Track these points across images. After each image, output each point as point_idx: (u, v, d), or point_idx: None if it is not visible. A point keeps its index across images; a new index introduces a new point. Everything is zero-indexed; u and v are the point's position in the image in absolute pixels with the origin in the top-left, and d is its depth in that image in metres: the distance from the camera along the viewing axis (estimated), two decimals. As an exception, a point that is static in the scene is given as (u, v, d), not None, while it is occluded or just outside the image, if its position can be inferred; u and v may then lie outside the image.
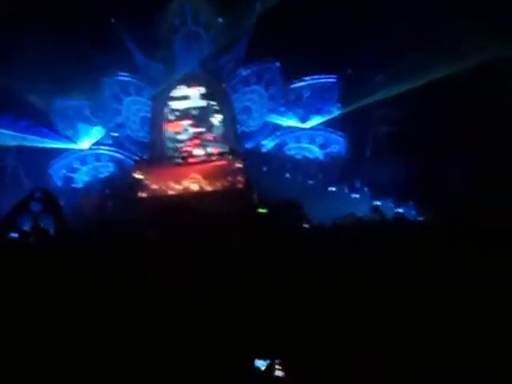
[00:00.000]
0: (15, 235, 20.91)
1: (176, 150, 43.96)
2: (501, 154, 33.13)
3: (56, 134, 43.47)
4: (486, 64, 32.89)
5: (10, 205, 26.27)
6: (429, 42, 34.76)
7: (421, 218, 31.95)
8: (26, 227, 22.76)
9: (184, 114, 44.50)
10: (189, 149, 43.63)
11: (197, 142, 43.90)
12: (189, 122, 44.25)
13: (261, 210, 27.92)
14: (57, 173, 43.23)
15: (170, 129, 44.42)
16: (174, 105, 44.49)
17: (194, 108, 44.36)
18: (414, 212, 34.01)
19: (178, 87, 44.17)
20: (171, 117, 44.35)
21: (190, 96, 44.27)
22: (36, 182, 36.57)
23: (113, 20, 43.27)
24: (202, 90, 43.94)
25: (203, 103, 44.21)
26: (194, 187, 39.47)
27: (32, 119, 39.82)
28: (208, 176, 39.51)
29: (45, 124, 42.05)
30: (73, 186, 43.17)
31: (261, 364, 5.72)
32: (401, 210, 32.40)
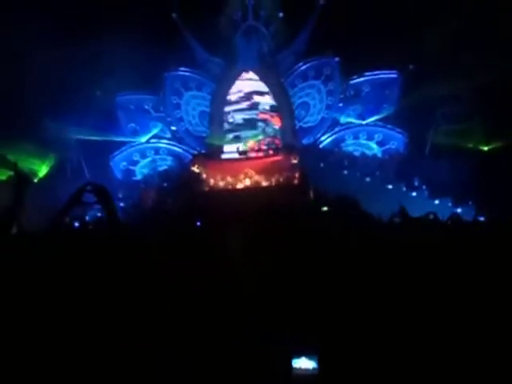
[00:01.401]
0: (76, 224, 21.95)
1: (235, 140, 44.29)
2: None
3: (118, 127, 44.79)
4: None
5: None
6: (494, 39, 33.78)
7: (481, 219, 31.14)
8: (81, 217, 23.87)
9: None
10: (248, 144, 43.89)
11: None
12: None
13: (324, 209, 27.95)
14: (117, 165, 44.57)
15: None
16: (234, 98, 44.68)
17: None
18: (473, 212, 33.13)
19: (239, 82, 44.43)
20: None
21: (250, 91, 44.44)
22: (97, 175, 37.70)
23: (174, 15, 44.15)
24: (262, 85, 44.08)
25: (262, 98, 44.32)
26: (249, 182, 39.81)
27: (96, 113, 40.91)
28: (263, 171, 39.69)
29: (107, 117, 43.19)
30: (133, 178, 44.33)
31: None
32: (459, 210, 31.60)
